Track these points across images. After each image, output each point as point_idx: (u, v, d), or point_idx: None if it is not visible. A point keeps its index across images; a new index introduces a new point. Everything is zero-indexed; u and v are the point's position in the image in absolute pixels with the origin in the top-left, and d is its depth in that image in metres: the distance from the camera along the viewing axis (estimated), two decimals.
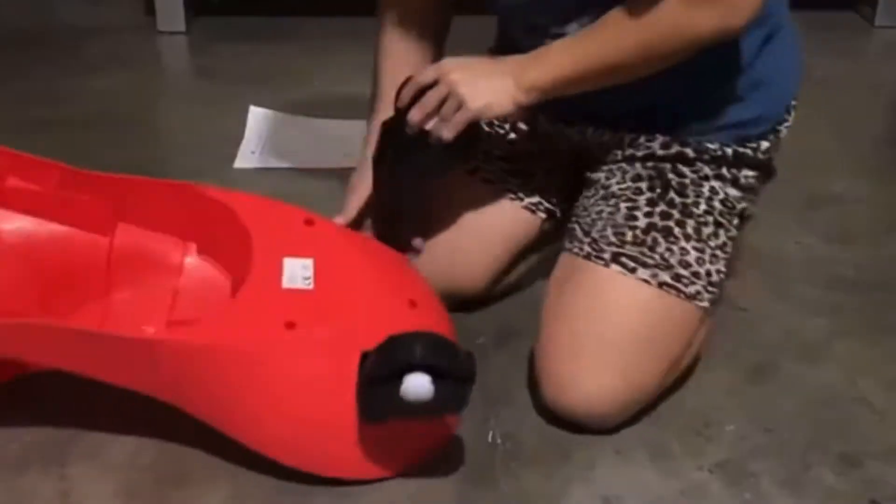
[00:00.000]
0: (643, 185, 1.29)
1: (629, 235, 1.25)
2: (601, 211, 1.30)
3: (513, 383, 1.29)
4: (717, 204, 1.28)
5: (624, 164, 1.32)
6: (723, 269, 1.28)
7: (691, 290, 1.23)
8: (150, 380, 1.11)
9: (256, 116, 2.04)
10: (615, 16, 1.18)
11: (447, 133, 1.21)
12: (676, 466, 1.17)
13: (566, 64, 1.20)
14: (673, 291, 1.22)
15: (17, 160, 1.25)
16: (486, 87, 1.21)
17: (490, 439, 1.20)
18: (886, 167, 1.95)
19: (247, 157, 1.91)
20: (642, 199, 1.28)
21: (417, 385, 1.04)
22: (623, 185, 1.30)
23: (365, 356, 1.07)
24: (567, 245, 1.30)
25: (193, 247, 1.28)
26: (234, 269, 1.22)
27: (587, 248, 1.26)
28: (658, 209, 1.26)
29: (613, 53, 1.19)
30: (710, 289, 1.25)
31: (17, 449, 1.17)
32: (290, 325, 1.09)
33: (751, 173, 1.31)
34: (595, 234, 1.27)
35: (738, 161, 1.30)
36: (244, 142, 1.95)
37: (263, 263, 1.15)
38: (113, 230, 1.26)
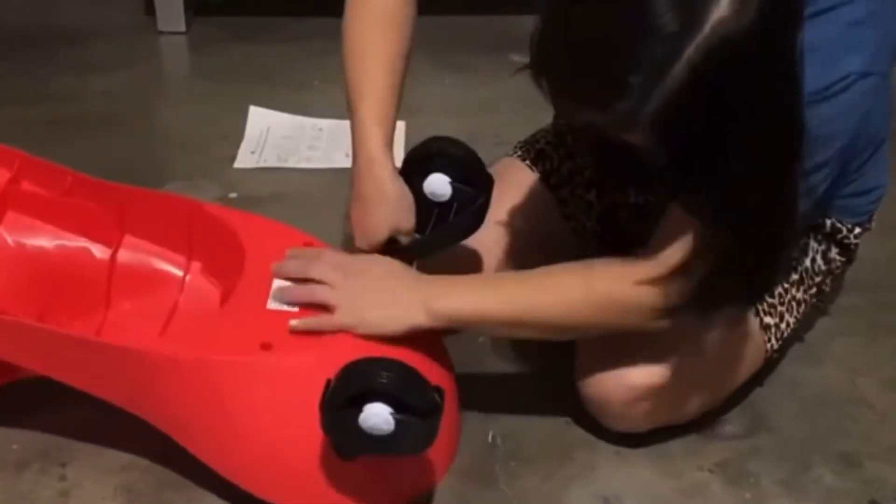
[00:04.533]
0: None
1: None
2: None
3: (513, 383, 1.29)
4: (807, 261, 1.23)
5: None
6: (792, 323, 1.23)
7: (767, 320, 1.19)
8: (121, 390, 1.10)
9: (256, 116, 2.04)
10: (568, 269, 1.06)
11: (289, 298, 1.09)
12: (676, 466, 1.17)
13: (488, 302, 1.05)
14: (752, 307, 1.17)
15: (30, 164, 1.26)
16: (387, 309, 1.06)
17: (490, 439, 1.20)
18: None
19: (247, 157, 1.90)
20: None
21: (376, 415, 0.97)
22: None
23: (329, 383, 1.00)
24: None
25: (198, 265, 1.27)
26: (227, 287, 1.20)
27: None
28: None
29: (548, 308, 1.03)
30: (777, 334, 1.21)
31: (17, 449, 1.17)
32: (266, 347, 1.05)
33: (837, 251, 1.26)
34: None
35: (832, 235, 1.25)
36: (244, 142, 1.95)
37: (252, 283, 1.13)
38: (118, 241, 1.26)
